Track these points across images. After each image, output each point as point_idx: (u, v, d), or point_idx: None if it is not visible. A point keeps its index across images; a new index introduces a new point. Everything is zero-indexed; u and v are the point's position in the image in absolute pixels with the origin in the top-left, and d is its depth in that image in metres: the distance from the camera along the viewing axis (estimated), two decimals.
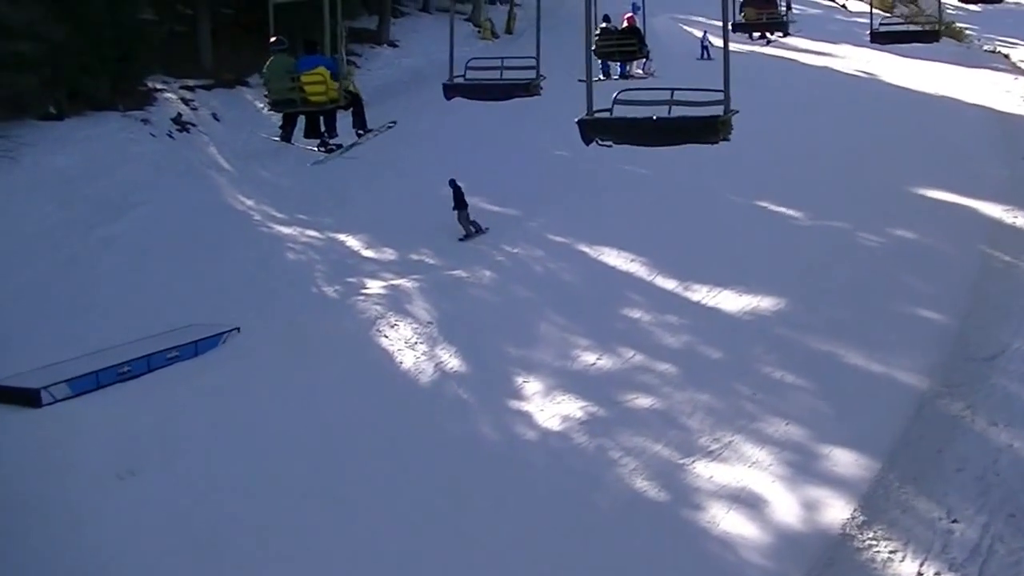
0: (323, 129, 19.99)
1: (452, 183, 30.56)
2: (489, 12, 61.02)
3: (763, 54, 49.37)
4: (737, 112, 12.85)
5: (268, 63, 19.24)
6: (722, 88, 12.72)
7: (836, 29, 58.92)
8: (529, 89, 18.66)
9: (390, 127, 20.99)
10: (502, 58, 19.57)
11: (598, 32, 27.89)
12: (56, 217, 30.71)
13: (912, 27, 29.91)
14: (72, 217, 30.97)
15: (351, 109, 19.77)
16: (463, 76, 19.19)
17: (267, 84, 19.59)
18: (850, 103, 42.32)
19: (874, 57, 49.15)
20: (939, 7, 30.65)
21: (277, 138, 21.22)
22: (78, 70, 35.98)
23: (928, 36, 29.65)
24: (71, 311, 25.93)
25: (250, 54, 45.72)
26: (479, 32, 58.27)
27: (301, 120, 21.02)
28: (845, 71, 49.87)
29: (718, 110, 12.78)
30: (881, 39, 29.65)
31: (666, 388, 21.47)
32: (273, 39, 18.68)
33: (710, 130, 12.83)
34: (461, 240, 29.94)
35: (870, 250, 28.07)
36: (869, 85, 47.43)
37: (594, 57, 27.03)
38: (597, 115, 13.44)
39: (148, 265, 28.79)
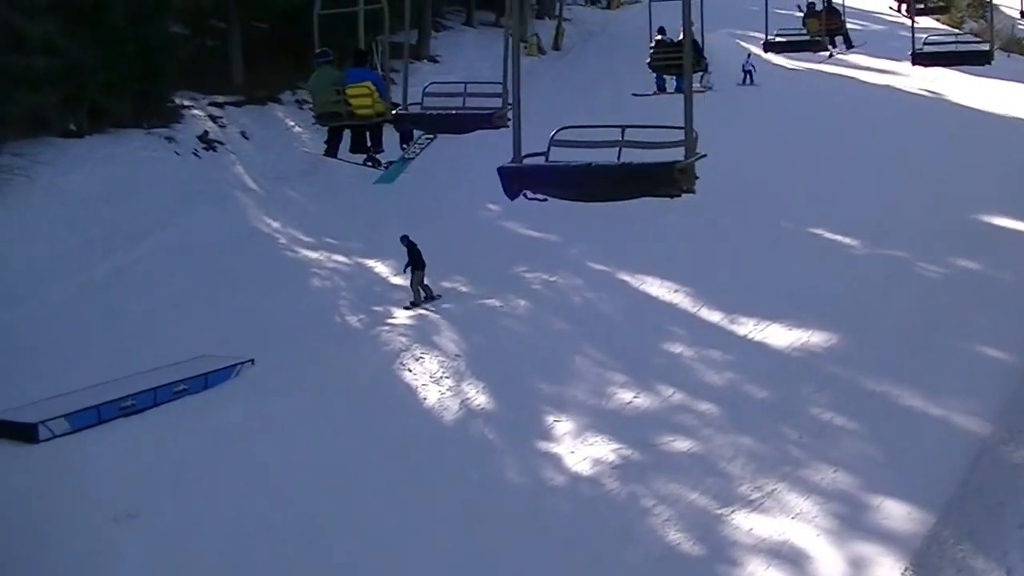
0: (369, 143, 19.34)
1: (405, 240, 28.17)
2: (536, 27, 60.56)
3: (821, 71, 48.87)
4: (703, 156, 10.20)
5: (313, 75, 18.90)
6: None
7: (900, 46, 57.47)
8: (493, 121, 17.00)
9: (429, 139, 20.31)
10: (465, 83, 18.74)
11: (653, 44, 27.51)
12: (71, 241, 30.49)
13: (961, 46, 27.24)
14: (88, 240, 30.75)
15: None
16: (419, 104, 18.50)
17: (312, 97, 19.27)
18: (913, 124, 41.65)
19: (941, 75, 48.26)
20: (991, 25, 29.64)
21: (322, 153, 20.72)
22: (99, 86, 35.79)
23: (977, 58, 26.95)
24: (80, 340, 25.67)
25: (284, 70, 45.76)
26: (525, 48, 57.84)
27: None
28: (909, 90, 49.02)
29: (679, 154, 10.09)
30: (925, 61, 27.78)
31: (706, 430, 20.76)
32: (318, 51, 18.26)
33: (664, 180, 10.12)
34: (407, 308, 27.49)
35: (931, 282, 27.33)
36: (934, 105, 46.70)
37: (649, 70, 27.76)
38: (529, 160, 10.90)
39: (164, 292, 28.55)
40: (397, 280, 29.29)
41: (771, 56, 41.80)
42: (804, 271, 27.95)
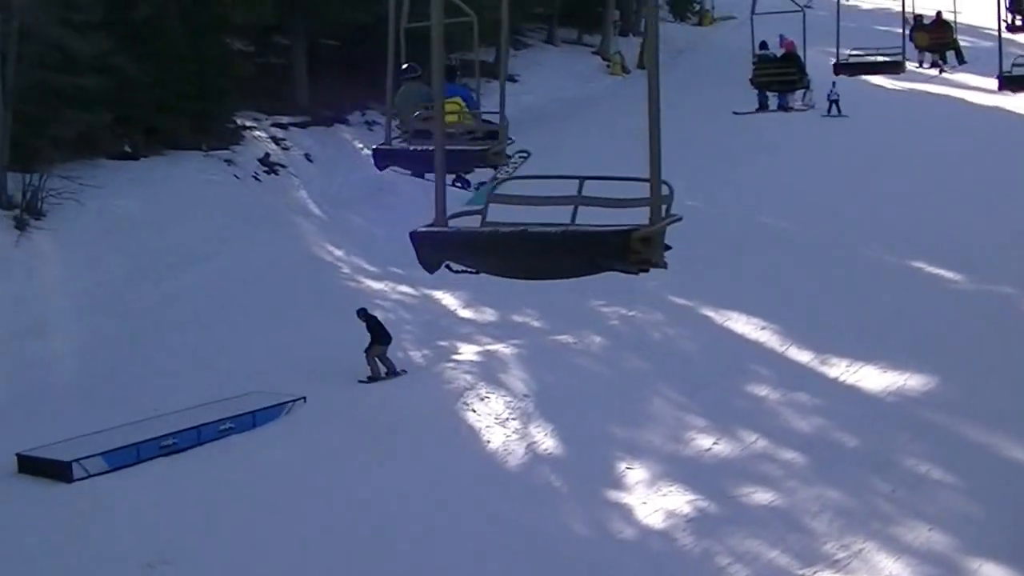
0: None
1: (362, 313, 26.33)
2: (619, 45, 60.26)
3: (924, 92, 48.11)
4: (678, 219, 8.19)
5: (399, 91, 18.65)
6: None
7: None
8: (488, 158, 15.66)
9: (523, 157, 19.85)
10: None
11: (755, 59, 27.39)
12: (120, 268, 30.43)
13: None
14: (138, 268, 30.66)
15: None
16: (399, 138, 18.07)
17: (399, 114, 19.04)
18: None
19: None
20: None
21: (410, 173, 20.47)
22: (154, 106, 35.87)
23: None
24: (123, 373, 25.58)
25: (353, 89, 45.76)
26: (608, 66, 57.66)
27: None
28: (1021, 112, 47.94)
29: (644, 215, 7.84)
30: (1013, 86, 26.85)
31: (790, 481, 20.16)
32: (405, 66, 17.49)
33: (620, 251, 7.71)
34: (362, 382, 25.28)
35: None
36: None
37: (751, 87, 27.54)
38: (458, 221, 8.70)
39: (216, 323, 28.37)
40: (466, 313, 29.09)
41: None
42: (902, 307, 27.32)
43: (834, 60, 30.07)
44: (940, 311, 27.04)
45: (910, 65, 32.81)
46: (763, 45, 28.20)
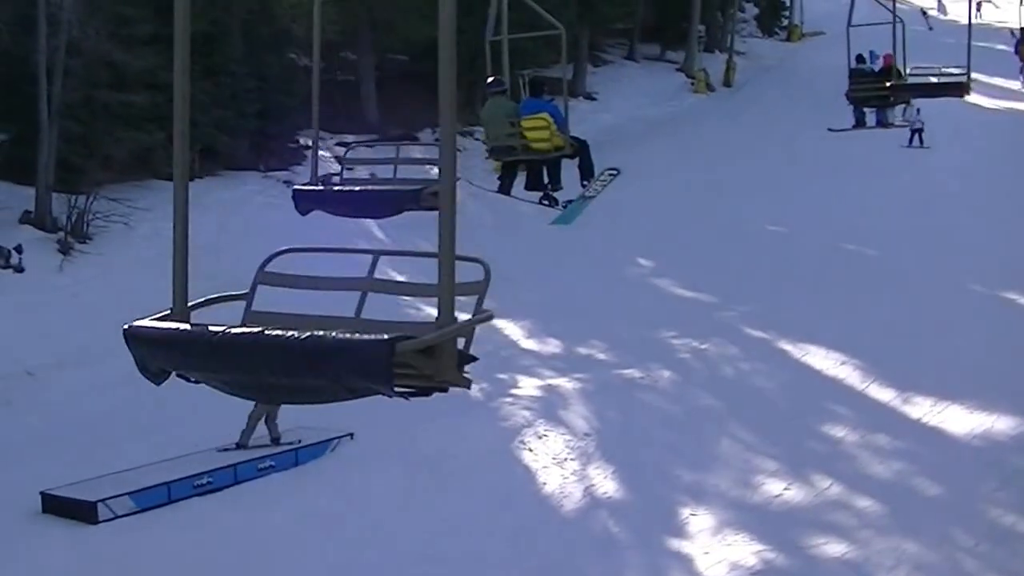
0: (546, 180, 19.33)
1: None
2: (704, 61, 59.73)
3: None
4: (488, 318, 6.77)
5: (486, 106, 19.03)
6: None
7: None
8: (421, 201, 15.56)
9: (612, 175, 19.68)
10: (398, 144, 17.93)
11: (851, 73, 27.39)
12: (167, 293, 30.17)
13: None
14: (191, 295, 30.42)
15: (576, 158, 19.15)
16: (339, 175, 17.76)
17: (484, 129, 19.41)
18: None
19: None
20: None
21: (495, 190, 20.55)
22: (212, 124, 35.80)
23: None
24: (163, 406, 25.23)
25: (423, 106, 45.52)
26: (692, 84, 57.17)
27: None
28: None
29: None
30: None
31: (865, 532, 19.43)
32: (490, 80, 18.65)
33: (377, 371, 5.99)
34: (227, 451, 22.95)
35: None
36: None
37: (848, 102, 27.55)
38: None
39: None
40: (528, 344, 28.64)
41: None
42: (993, 343, 26.41)
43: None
44: None
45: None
46: (859, 59, 27.72)
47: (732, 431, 23.51)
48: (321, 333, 5.94)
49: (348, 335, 5.97)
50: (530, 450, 23.04)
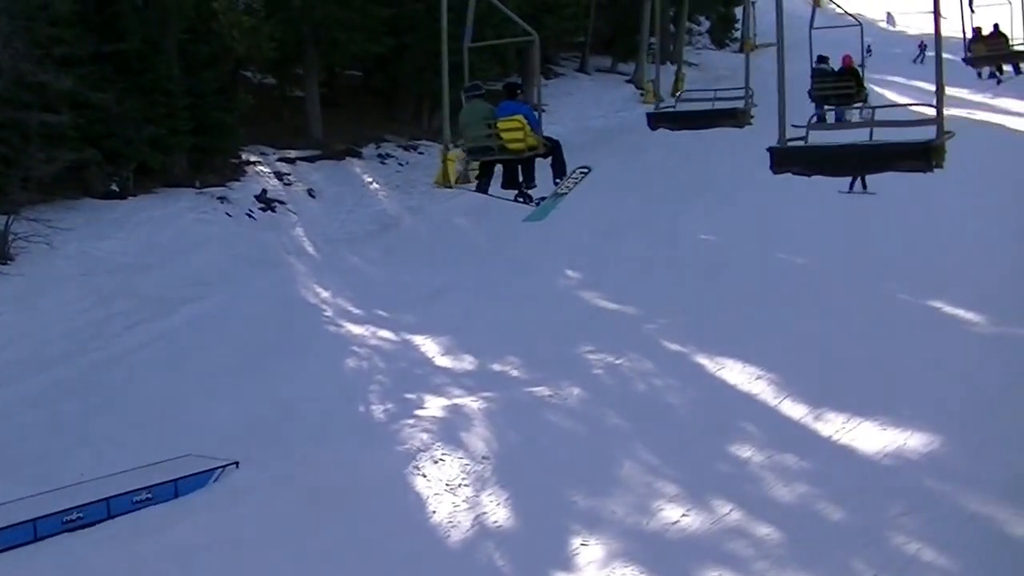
0: (521, 179, 19.08)
1: None
2: (655, 73, 57.55)
3: (967, 119, 45.13)
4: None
5: (464, 109, 18.51)
6: None
7: None
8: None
9: (584, 172, 19.26)
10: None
11: (813, 74, 26.60)
12: (91, 314, 28.37)
13: None
14: (111, 314, 28.64)
15: (550, 157, 19.13)
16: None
17: (463, 131, 18.75)
18: None
19: None
20: None
21: (474, 189, 19.80)
22: (147, 143, 33.73)
23: None
24: (69, 429, 23.36)
25: (370, 121, 43.55)
26: (642, 95, 55.01)
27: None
28: None
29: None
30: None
31: (760, 562, 17.22)
32: (469, 84, 18.52)
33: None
34: None
35: None
36: None
37: (810, 100, 26.38)
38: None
39: (180, 373, 26.20)
40: (443, 361, 26.54)
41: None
42: (913, 354, 24.27)
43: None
44: (954, 358, 23.97)
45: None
46: (821, 58, 26.76)
47: (636, 452, 21.33)
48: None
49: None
50: (424, 476, 20.86)
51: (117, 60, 33.55)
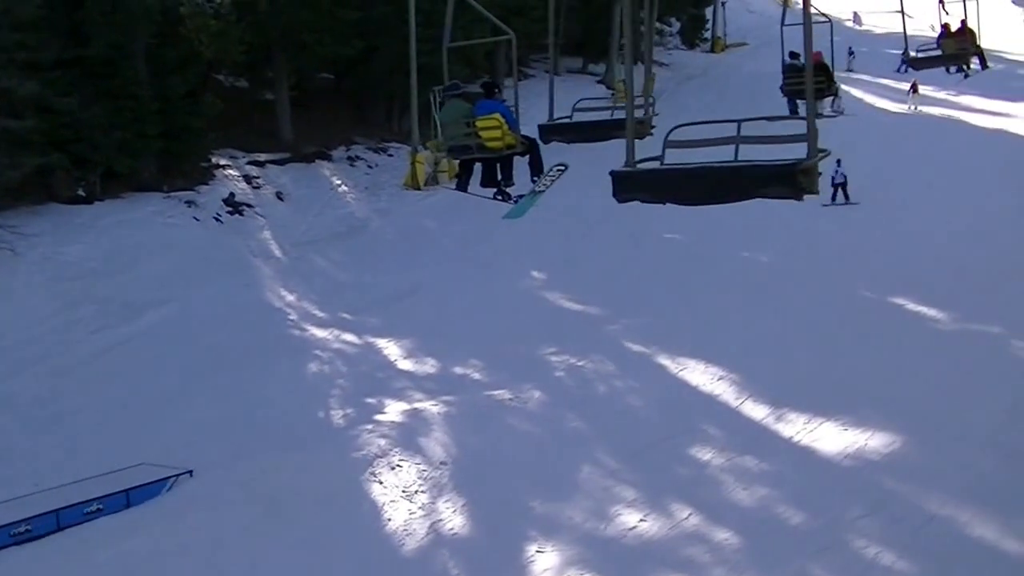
0: (500, 177, 18.70)
1: None
2: (624, 73, 56.98)
3: (928, 115, 44.67)
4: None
5: (443, 109, 18.22)
6: None
7: (1020, 86, 52.77)
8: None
9: (561, 170, 18.80)
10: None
11: (785, 69, 25.87)
12: (56, 319, 27.64)
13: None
14: (76, 319, 27.92)
15: (528, 156, 18.79)
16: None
17: (442, 130, 18.43)
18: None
19: None
20: None
21: (454, 187, 19.81)
22: (115, 148, 33.00)
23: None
24: (33, 436, 22.65)
25: (341, 124, 42.81)
26: (613, 95, 54.37)
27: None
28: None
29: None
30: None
31: (717, 568, 16.63)
32: (448, 83, 18.20)
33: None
34: None
35: None
36: None
37: (782, 95, 25.67)
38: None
39: (144, 377, 25.61)
40: (406, 364, 25.88)
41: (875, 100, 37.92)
42: (877, 352, 23.70)
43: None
44: (918, 356, 23.40)
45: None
46: (792, 55, 26.35)
47: (596, 456, 20.69)
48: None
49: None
50: (380, 483, 20.19)
51: (83, 65, 32.78)
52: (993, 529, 16.80)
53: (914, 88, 47.12)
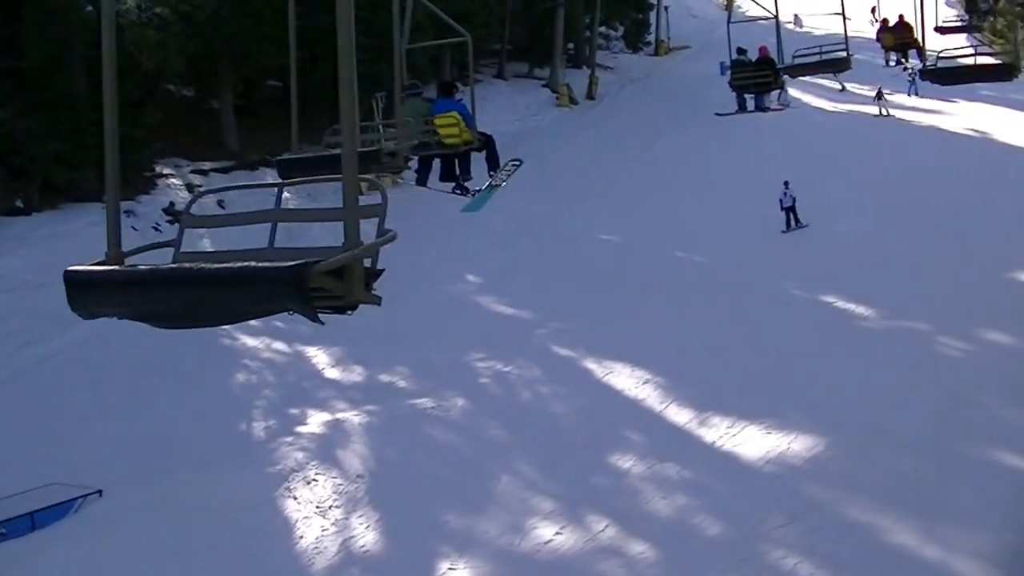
0: (458, 172, 18.57)
1: None
2: (569, 77, 55.82)
3: (863, 113, 43.67)
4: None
5: (403, 107, 17.68)
6: None
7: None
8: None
9: (516, 165, 18.71)
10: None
11: (732, 65, 26.34)
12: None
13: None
14: (5, 332, 26.47)
15: (484, 152, 18.57)
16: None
17: (404, 126, 17.61)
18: (952, 169, 35.39)
19: (989, 113, 42.67)
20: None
21: (414, 183, 19.42)
22: (51, 159, 31.58)
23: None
24: None
25: (286, 131, 41.35)
26: (557, 99, 53.25)
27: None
28: (953, 130, 43.08)
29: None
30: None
31: None
32: (407, 83, 17.85)
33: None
34: None
35: (953, 363, 21.58)
36: (978, 146, 40.45)
37: (730, 89, 26.12)
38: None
39: (68, 393, 24.34)
40: (333, 373, 24.67)
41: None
42: (803, 352, 22.56)
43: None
44: (844, 355, 22.25)
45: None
46: (740, 50, 26.06)
47: (515, 466, 19.51)
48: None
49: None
50: (295, 498, 19.00)
51: (19, 76, 31.37)
52: (915, 536, 15.63)
53: (879, 95, 46.04)
